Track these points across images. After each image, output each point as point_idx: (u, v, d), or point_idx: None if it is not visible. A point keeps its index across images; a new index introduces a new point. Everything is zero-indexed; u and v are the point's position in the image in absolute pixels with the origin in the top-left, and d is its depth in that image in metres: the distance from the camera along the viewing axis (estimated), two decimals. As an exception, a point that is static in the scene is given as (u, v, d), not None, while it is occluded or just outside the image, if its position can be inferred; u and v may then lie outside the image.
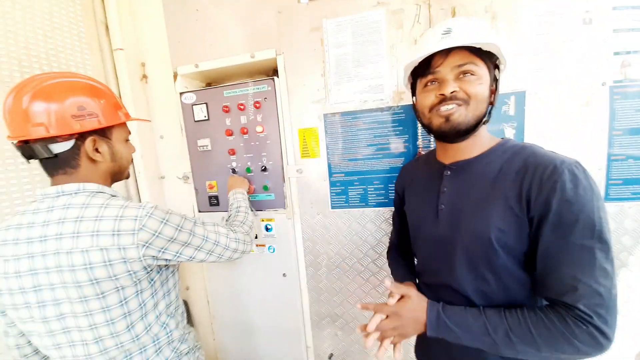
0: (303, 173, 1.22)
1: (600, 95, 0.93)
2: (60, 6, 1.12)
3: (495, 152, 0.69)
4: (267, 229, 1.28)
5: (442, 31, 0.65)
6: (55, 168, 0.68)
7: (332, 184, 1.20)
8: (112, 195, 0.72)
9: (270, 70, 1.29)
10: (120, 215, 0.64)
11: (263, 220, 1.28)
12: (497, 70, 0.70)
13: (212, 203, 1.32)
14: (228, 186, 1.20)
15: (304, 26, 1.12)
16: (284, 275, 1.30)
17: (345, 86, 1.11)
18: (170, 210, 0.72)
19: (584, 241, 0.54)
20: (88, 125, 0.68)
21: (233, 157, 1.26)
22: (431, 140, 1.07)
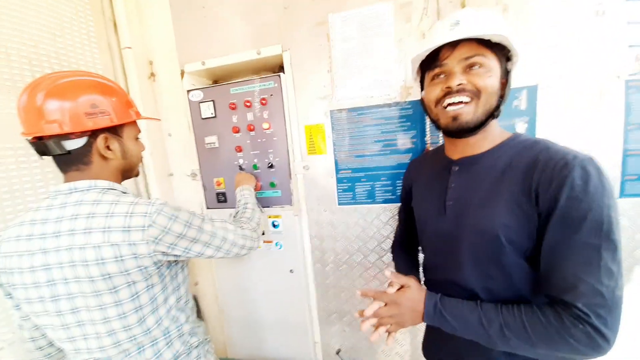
0: (310, 170, 1.22)
1: (614, 88, 0.90)
2: (69, 5, 1.13)
3: (505, 147, 0.67)
4: (274, 226, 1.29)
5: (450, 23, 0.63)
6: (68, 164, 0.70)
7: (339, 181, 1.19)
8: (123, 192, 0.73)
9: (276, 67, 1.29)
10: (131, 212, 0.65)
11: (270, 217, 1.29)
12: (510, 62, 0.67)
13: (220, 200, 1.33)
14: (235, 183, 1.21)
15: (309, 21, 1.11)
16: (291, 271, 1.31)
17: (352, 82, 1.10)
18: (179, 206, 0.73)
19: (590, 239, 0.53)
20: (101, 122, 0.69)
21: (240, 154, 1.26)
22: (439, 136, 1.06)
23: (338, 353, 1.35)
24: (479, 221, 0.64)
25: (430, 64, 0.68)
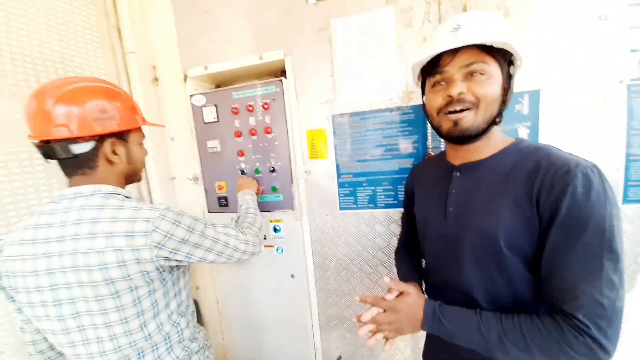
0: (311, 174, 1.22)
1: (617, 93, 0.90)
2: (74, 11, 1.14)
3: (507, 153, 0.67)
4: (276, 230, 1.29)
5: (451, 28, 0.62)
6: (74, 168, 0.70)
7: (341, 185, 1.19)
8: (126, 197, 0.73)
9: (279, 71, 1.30)
10: (134, 217, 0.66)
11: (271, 221, 1.29)
12: (512, 66, 0.66)
13: (222, 204, 1.33)
14: (237, 187, 1.21)
15: (311, 26, 1.11)
16: (292, 276, 1.30)
17: (354, 86, 1.11)
18: (182, 211, 0.73)
19: (591, 249, 0.52)
20: (109, 127, 0.71)
21: (242, 158, 1.26)
22: (441, 141, 1.06)
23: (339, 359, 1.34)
24: (481, 225, 0.64)
25: (431, 69, 0.67)
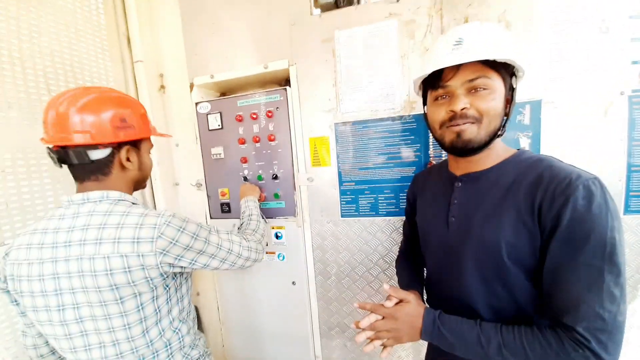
0: (314, 181, 1.23)
1: (618, 104, 0.91)
2: (84, 20, 1.18)
3: (509, 164, 0.67)
4: (278, 237, 1.29)
5: (454, 42, 0.62)
6: (88, 173, 0.72)
7: (343, 193, 1.20)
8: (133, 203, 0.74)
9: (283, 80, 1.32)
10: (141, 224, 0.67)
11: (273, 228, 1.29)
12: (515, 78, 0.66)
13: (224, 210, 1.34)
14: (240, 193, 1.22)
15: (316, 37, 1.14)
16: (294, 283, 1.30)
17: (357, 96, 1.12)
18: (187, 218, 0.74)
19: (592, 261, 0.52)
20: (128, 135, 0.74)
21: (245, 165, 1.28)
22: (443, 150, 1.06)
23: (340, 368, 1.33)
24: (483, 237, 0.64)
25: (433, 82, 0.67)
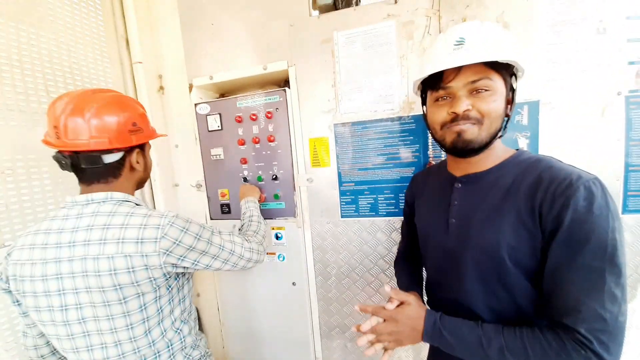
0: (313, 182, 1.23)
1: (615, 105, 0.91)
2: (83, 22, 1.18)
3: (508, 165, 0.67)
4: (278, 238, 1.29)
5: (454, 42, 0.61)
6: (97, 177, 0.72)
7: (342, 193, 1.20)
8: (137, 204, 0.75)
9: (282, 81, 1.32)
10: (144, 224, 0.67)
11: (273, 229, 1.29)
12: (514, 78, 0.66)
13: (224, 211, 1.34)
14: (240, 194, 1.22)
15: (315, 38, 1.14)
16: (294, 284, 1.30)
17: (356, 96, 1.13)
18: (190, 219, 0.75)
19: (593, 262, 0.52)
20: (140, 139, 0.76)
21: (245, 166, 1.28)
22: (442, 150, 1.07)
23: (340, 368, 1.33)
24: (483, 240, 0.64)
25: (433, 83, 0.66)
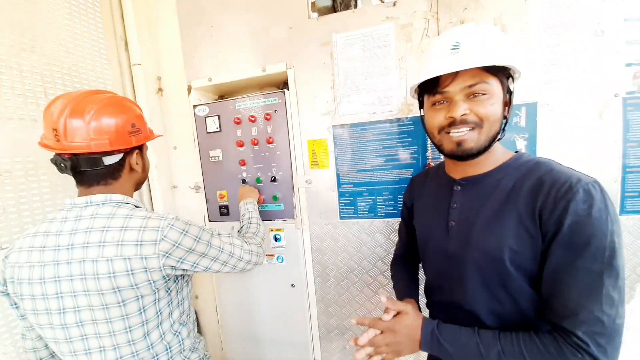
0: (312, 183, 1.23)
1: (613, 106, 0.92)
2: (82, 24, 1.18)
3: (508, 168, 0.66)
4: (276, 239, 1.29)
5: (450, 46, 0.61)
6: (97, 179, 0.72)
7: (341, 195, 1.20)
8: (136, 206, 0.75)
9: (281, 83, 1.32)
10: (144, 226, 0.67)
11: (272, 230, 1.29)
12: (511, 80, 0.65)
13: (223, 212, 1.34)
14: (239, 196, 1.22)
15: (314, 40, 1.14)
16: (293, 285, 1.30)
17: (354, 98, 1.13)
18: (189, 221, 0.75)
19: (592, 266, 0.52)
20: (139, 140, 0.76)
21: (243, 168, 1.28)
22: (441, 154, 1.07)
23: (339, 370, 1.33)
24: (485, 243, 0.64)
25: (430, 87, 0.66)
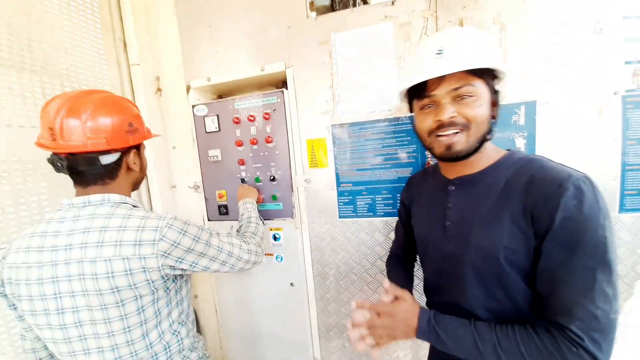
0: (311, 183, 1.23)
1: (612, 104, 0.92)
2: (81, 25, 1.18)
3: (501, 166, 0.67)
4: (275, 238, 1.29)
5: (435, 52, 0.62)
6: (94, 179, 0.72)
7: (340, 194, 1.20)
8: (134, 206, 0.75)
9: (280, 83, 1.32)
10: (142, 226, 0.67)
11: (271, 230, 1.29)
12: (497, 80, 0.66)
13: (222, 212, 1.34)
14: (238, 195, 1.22)
15: (313, 40, 1.14)
16: (292, 284, 1.30)
17: (353, 97, 1.13)
18: (188, 220, 0.75)
19: (585, 262, 0.52)
20: (136, 139, 0.75)
21: (242, 167, 1.28)
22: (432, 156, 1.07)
23: (339, 369, 1.33)
24: (481, 242, 0.64)
25: (418, 92, 0.67)
